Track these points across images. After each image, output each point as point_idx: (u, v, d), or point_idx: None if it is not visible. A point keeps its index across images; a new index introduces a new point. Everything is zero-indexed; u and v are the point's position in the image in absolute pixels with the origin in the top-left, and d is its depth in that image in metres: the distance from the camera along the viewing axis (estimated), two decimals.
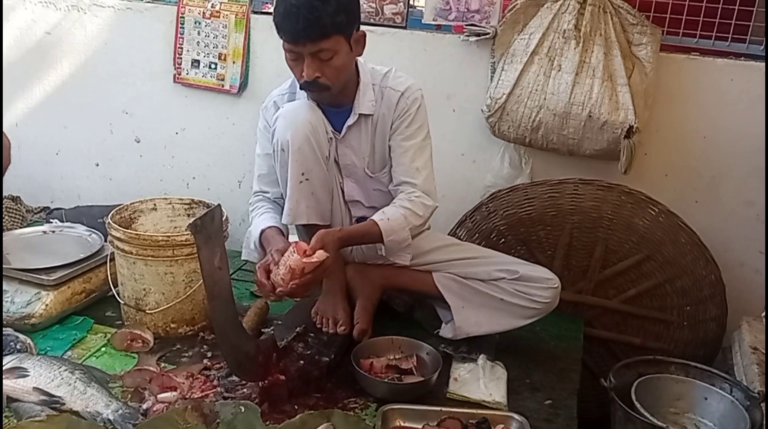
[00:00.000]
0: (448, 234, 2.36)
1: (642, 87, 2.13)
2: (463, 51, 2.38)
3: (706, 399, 1.79)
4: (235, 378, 1.64)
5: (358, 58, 1.80)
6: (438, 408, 1.59)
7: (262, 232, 1.81)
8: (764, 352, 1.87)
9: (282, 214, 1.84)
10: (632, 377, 1.80)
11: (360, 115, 1.82)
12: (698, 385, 1.81)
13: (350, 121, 1.82)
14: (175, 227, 2.03)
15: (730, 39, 2.17)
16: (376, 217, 1.77)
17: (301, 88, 1.77)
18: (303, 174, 1.76)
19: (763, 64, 2.12)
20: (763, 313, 1.91)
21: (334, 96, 1.76)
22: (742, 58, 2.18)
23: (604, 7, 2.15)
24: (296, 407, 1.57)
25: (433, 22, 2.42)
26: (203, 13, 2.65)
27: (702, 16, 2.17)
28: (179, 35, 2.69)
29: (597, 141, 2.14)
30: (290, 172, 1.76)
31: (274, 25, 1.67)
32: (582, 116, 2.13)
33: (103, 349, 1.82)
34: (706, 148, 2.21)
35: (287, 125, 1.74)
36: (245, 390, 1.62)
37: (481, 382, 1.73)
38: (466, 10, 2.37)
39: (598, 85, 2.11)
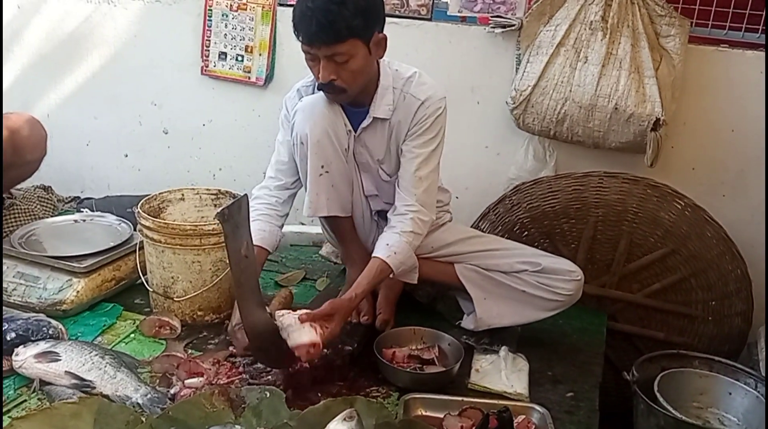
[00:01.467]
0: (471, 226, 2.37)
1: (669, 79, 2.10)
2: (488, 43, 2.37)
3: (730, 394, 1.78)
4: (260, 365, 1.67)
5: (382, 59, 1.77)
6: (459, 398, 1.60)
7: None
8: None
9: (275, 219, 1.85)
10: (655, 371, 1.80)
11: (375, 118, 1.79)
12: (722, 380, 1.81)
13: (365, 124, 1.80)
14: (203, 217, 2.07)
15: (760, 31, 2.14)
16: (381, 253, 1.72)
17: (318, 88, 1.75)
18: (322, 166, 1.77)
19: None
20: None
21: (351, 97, 1.74)
22: None
23: None
24: (319, 394, 1.59)
25: (458, 14, 2.41)
26: (230, 5, 2.68)
27: (731, 7, 2.13)
28: (207, 28, 2.73)
29: (623, 133, 2.12)
30: (310, 164, 1.77)
31: (292, 24, 1.66)
32: (608, 109, 2.11)
33: (132, 335, 1.86)
34: (734, 141, 2.18)
35: (306, 118, 1.75)
36: (270, 377, 1.64)
37: (502, 374, 1.74)
38: (491, 2, 2.36)
39: (625, 77, 2.09)
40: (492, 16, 2.33)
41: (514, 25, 2.28)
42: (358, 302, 1.74)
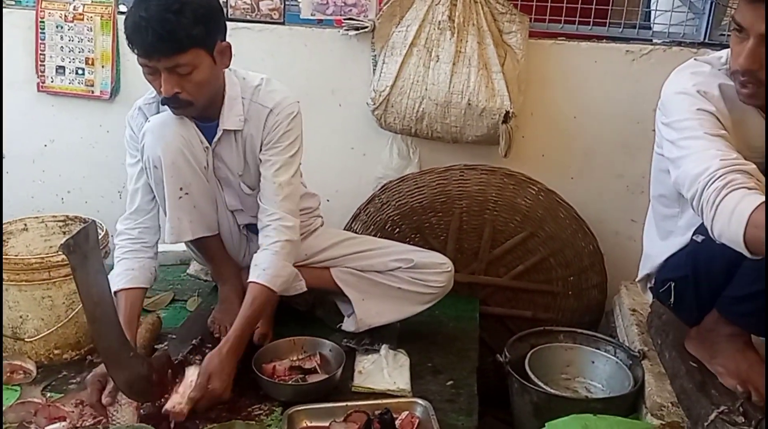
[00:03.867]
0: (344, 228, 2.38)
1: (515, 73, 2.22)
2: (343, 45, 2.38)
3: (593, 363, 1.91)
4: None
5: (229, 68, 1.70)
6: (343, 403, 1.59)
7: (116, 293, 1.66)
8: (642, 313, 2.02)
9: (145, 254, 1.74)
10: (525, 349, 1.90)
11: (225, 130, 1.72)
12: (585, 350, 1.94)
13: (216, 137, 1.73)
14: (51, 247, 1.91)
15: (591, 23, 2.31)
16: (253, 276, 1.67)
17: (162, 103, 1.65)
18: (181, 188, 1.68)
19: (623, 45, 2.27)
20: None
21: (199, 110, 1.66)
22: (604, 40, 2.33)
23: None
24: (198, 422, 1.52)
25: (312, 17, 2.40)
26: (65, 16, 2.48)
27: (565, 2, 2.28)
28: (40, 41, 2.51)
29: (477, 127, 2.22)
30: (167, 188, 1.67)
31: (125, 37, 1.55)
32: (462, 104, 2.19)
33: None
34: (577, 127, 2.34)
35: (156, 140, 1.64)
36: (142, 410, 1.54)
37: (384, 372, 1.76)
38: (343, 4, 2.36)
39: (475, 73, 2.18)
40: (345, 19, 2.34)
41: (366, 27, 2.31)
42: (242, 340, 1.63)
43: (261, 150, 1.75)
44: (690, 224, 1.60)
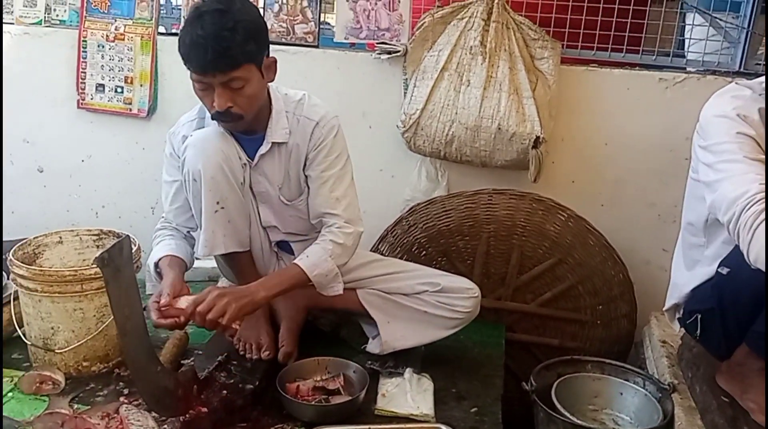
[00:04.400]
0: (371, 249, 2.38)
1: (546, 99, 2.22)
2: (375, 68, 2.41)
3: (621, 394, 1.87)
4: (154, 414, 1.58)
5: (270, 84, 1.76)
6: (366, 426, 1.59)
7: (156, 263, 1.75)
8: (672, 344, 1.98)
9: (183, 238, 1.81)
10: (552, 378, 1.87)
11: (273, 143, 1.78)
12: (614, 381, 1.90)
13: (263, 150, 1.78)
14: (84, 260, 1.94)
15: (624, 50, 2.30)
16: (297, 259, 1.73)
17: (212, 118, 1.71)
18: (218, 202, 1.72)
19: (656, 72, 2.26)
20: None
21: (248, 124, 1.71)
22: (637, 67, 2.32)
23: (507, 23, 2.24)
24: None
25: (346, 41, 2.44)
26: (107, 36, 2.57)
27: (598, 29, 2.28)
28: (82, 59, 2.59)
29: (507, 152, 2.22)
30: (204, 201, 1.71)
31: (181, 56, 1.61)
32: (492, 129, 2.20)
33: (11, 394, 1.71)
34: (608, 154, 2.33)
35: (198, 154, 1.69)
36: (166, 426, 1.55)
37: (408, 396, 1.74)
38: (376, 29, 2.40)
39: (505, 98, 2.19)
40: (378, 43, 2.37)
41: (399, 52, 2.33)
42: (260, 298, 1.64)
43: (306, 164, 1.80)
44: (716, 255, 1.58)
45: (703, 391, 1.68)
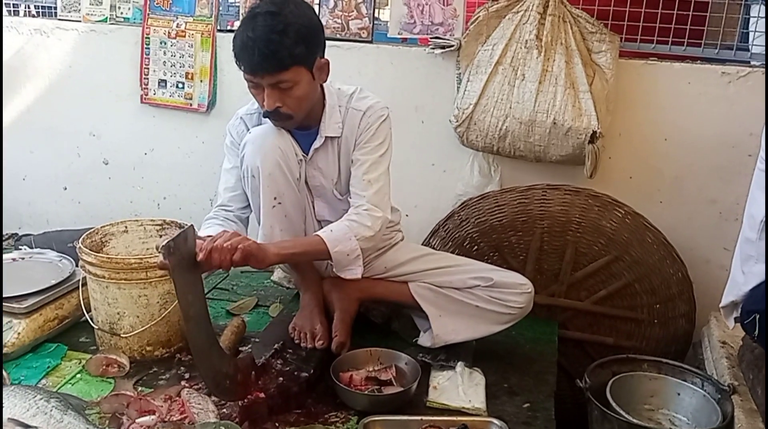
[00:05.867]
0: (422, 243, 2.39)
1: (603, 93, 2.18)
2: (429, 63, 2.42)
3: (679, 394, 1.83)
4: (214, 398, 1.63)
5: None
6: (418, 417, 1.60)
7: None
8: (733, 345, 1.92)
9: (232, 226, 1.82)
10: (607, 376, 1.84)
11: (327, 137, 1.81)
12: (671, 381, 1.86)
13: (317, 144, 1.82)
14: (148, 249, 2.02)
15: (685, 43, 2.24)
16: (320, 231, 1.75)
17: (264, 116, 1.76)
18: (275, 198, 1.76)
19: (719, 66, 2.20)
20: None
21: (298, 123, 1.75)
22: (698, 61, 2.26)
23: (564, 16, 2.21)
24: (277, 424, 1.57)
25: (399, 36, 2.45)
26: (168, 33, 2.65)
27: (658, 22, 2.23)
28: (145, 56, 2.69)
29: (562, 147, 2.19)
30: (262, 197, 1.76)
31: (233, 54, 1.65)
32: (547, 123, 2.17)
33: (78, 375, 1.79)
34: (667, 149, 2.27)
35: (256, 151, 1.74)
36: (225, 410, 1.61)
37: (460, 389, 1.75)
38: (430, 23, 2.41)
39: (561, 92, 2.16)
40: (431, 38, 2.38)
41: (453, 46, 2.33)
42: (271, 255, 1.62)
43: (353, 151, 1.83)
44: None
45: (765, 393, 1.62)
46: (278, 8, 1.61)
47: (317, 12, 2.12)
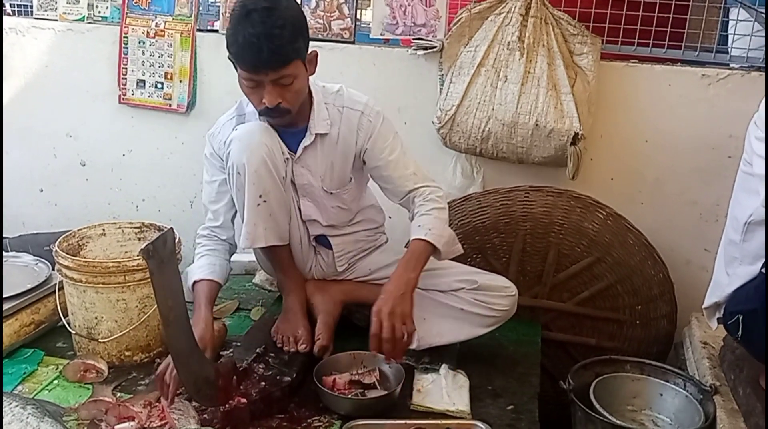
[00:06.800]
0: (406, 246, 2.37)
1: (585, 95, 2.19)
2: (411, 64, 2.41)
3: (661, 395, 1.84)
4: (195, 404, 1.61)
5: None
6: (402, 421, 1.59)
7: (195, 283, 1.79)
8: (714, 346, 1.94)
9: (223, 254, 1.86)
10: (590, 378, 1.84)
11: (316, 135, 1.80)
12: (653, 382, 1.87)
13: (306, 142, 1.80)
14: (126, 252, 1.99)
15: (666, 46, 2.26)
16: (418, 234, 1.76)
17: (260, 115, 1.74)
18: (260, 196, 1.74)
19: (699, 68, 2.22)
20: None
21: (293, 118, 1.74)
22: (679, 63, 2.28)
23: (546, 18, 2.22)
24: None
25: (381, 37, 2.44)
26: (147, 32, 2.61)
27: (639, 24, 2.24)
28: (123, 55, 2.64)
29: (545, 149, 2.19)
30: (247, 194, 1.73)
31: (231, 55, 1.63)
32: (529, 125, 2.18)
33: (56, 381, 1.76)
34: (648, 151, 2.29)
35: (243, 148, 1.71)
36: (206, 415, 1.58)
37: (444, 392, 1.74)
38: (412, 24, 2.40)
39: (543, 94, 2.17)
40: (414, 39, 2.37)
41: (435, 47, 2.33)
42: (413, 280, 1.72)
43: (363, 155, 1.84)
44: (758, 255, 1.54)
45: (746, 393, 1.64)
46: (272, 3, 1.60)
47: None
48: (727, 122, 2.18)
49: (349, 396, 1.68)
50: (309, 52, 1.70)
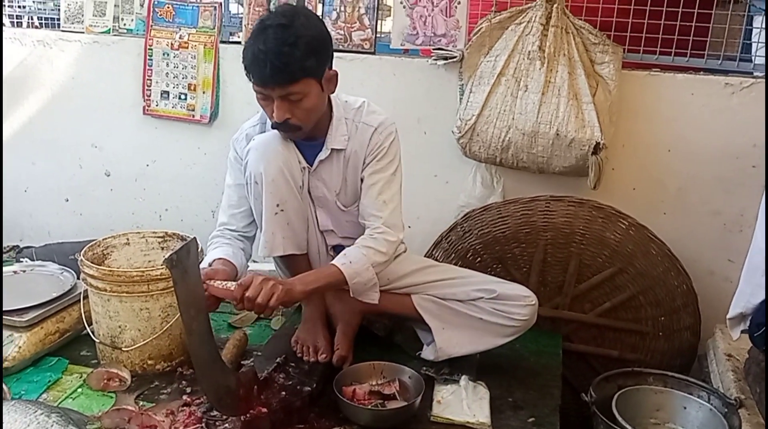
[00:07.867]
0: (425, 255, 2.38)
1: (606, 104, 2.18)
2: (431, 74, 2.42)
3: (685, 408, 1.82)
4: (216, 413, 1.62)
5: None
6: None
7: (209, 264, 1.77)
8: (739, 358, 1.91)
9: (239, 246, 1.84)
10: (612, 390, 1.82)
11: (332, 149, 1.81)
12: (677, 395, 1.84)
13: (322, 156, 1.81)
14: (150, 261, 2.01)
15: (688, 54, 2.24)
16: (337, 261, 1.73)
17: (273, 127, 1.76)
18: (278, 205, 1.76)
19: (722, 77, 2.19)
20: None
21: (306, 134, 1.75)
22: (701, 72, 2.25)
23: (567, 28, 2.21)
24: None
25: (401, 47, 2.46)
26: (171, 44, 2.65)
27: (661, 33, 2.22)
28: (148, 67, 2.69)
29: (565, 158, 2.18)
30: (265, 203, 1.75)
31: (243, 66, 1.66)
32: (550, 135, 2.17)
33: (80, 389, 1.78)
34: (671, 160, 2.26)
35: (260, 157, 1.74)
36: (227, 425, 1.59)
37: (464, 403, 1.73)
38: (432, 35, 2.41)
39: (564, 103, 2.16)
40: (434, 49, 2.38)
41: (455, 57, 2.33)
42: (298, 292, 1.65)
43: (363, 168, 1.83)
44: None
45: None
46: (289, 21, 1.62)
47: None
48: (751, 131, 2.15)
49: (369, 407, 1.68)
50: (329, 70, 1.71)
